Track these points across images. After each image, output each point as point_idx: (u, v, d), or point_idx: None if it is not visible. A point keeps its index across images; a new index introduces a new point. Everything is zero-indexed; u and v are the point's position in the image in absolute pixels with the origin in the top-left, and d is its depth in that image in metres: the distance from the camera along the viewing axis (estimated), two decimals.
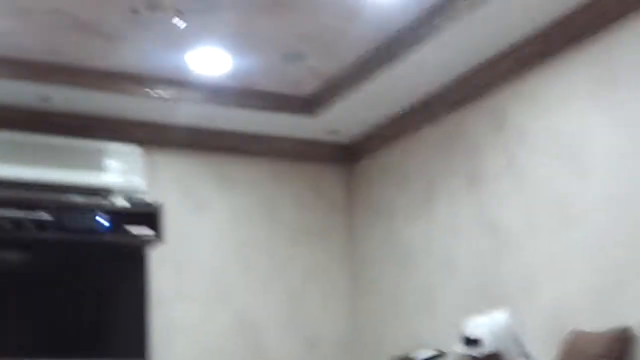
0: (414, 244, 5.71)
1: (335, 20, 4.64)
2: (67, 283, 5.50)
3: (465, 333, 3.91)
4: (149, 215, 5.58)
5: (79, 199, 5.50)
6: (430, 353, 4.76)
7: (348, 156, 6.49)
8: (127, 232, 5.51)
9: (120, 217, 5.51)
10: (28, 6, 4.39)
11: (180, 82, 5.40)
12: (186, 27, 4.56)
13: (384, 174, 6.16)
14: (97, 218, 5.44)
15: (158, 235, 5.56)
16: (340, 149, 6.48)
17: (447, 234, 5.38)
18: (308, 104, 5.77)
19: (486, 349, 3.78)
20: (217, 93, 5.53)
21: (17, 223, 5.17)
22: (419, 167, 5.73)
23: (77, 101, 5.46)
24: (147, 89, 5.44)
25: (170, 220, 5.71)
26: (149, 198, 5.69)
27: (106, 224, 5.45)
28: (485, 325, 3.87)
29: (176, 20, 4.50)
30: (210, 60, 5.14)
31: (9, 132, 5.39)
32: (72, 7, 4.45)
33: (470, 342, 3.85)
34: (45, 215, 5.25)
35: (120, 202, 5.58)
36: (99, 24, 4.65)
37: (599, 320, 4.04)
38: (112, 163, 5.65)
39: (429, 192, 5.60)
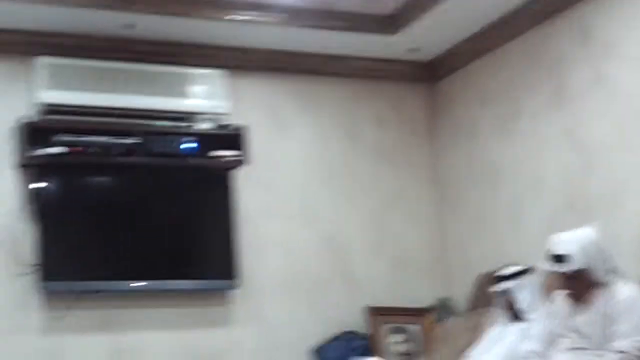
0: (500, 163, 5.68)
1: None
2: (155, 207, 5.64)
3: (552, 250, 3.92)
4: (234, 138, 5.64)
5: (165, 124, 5.59)
6: (517, 269, 4.65)
7: (429, 75, 6.40)
8: (213, 155, 5.59)
9: (206, 141, 5.57)
10: None
11: (262, 6, 5.40)
12: None
13: (466, 93, 6.08)
14: (184, 142, 5.53)
15: (243, 157, 5.63)
16: (422, 68, 6.39)
17: (533, 151, 5.33)
18: (388, 23, 5.68)
19: (574, 265, 3.81)
20: (298, 15, 5.49)
21: (107, 149, 5.31)
22: (503, 84, 5.65)
23: (160, 28, 5.46)
24: (230, 14, 5.40)
25: (254, 142, 5.79)
26: (233, 121, 5.74)
27: (192, 147, 5.53)
28: (573, 241, 3.88)
29: None
30: None
31: (95, 61, 5.46)
32: None
33: (558, 258, 3.88)
34: (133, 141, 5.36)
35: (206, 126, 5.65)
36: None
37: None
38: (197, 88, 5.69)
39: (513, 109, 5.54)
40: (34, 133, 5.24)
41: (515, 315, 4.50)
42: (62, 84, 5.35)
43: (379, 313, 5.91)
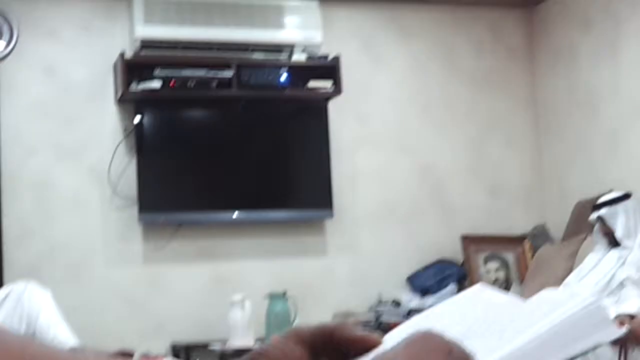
0: (599, 87, 5.62)
1: None
2: (251, 139, 5.72)
3: None
4: (327, 69, 5.66)
5: (259, 56, 5.66)
6: (615, 195, 4.72)
7: None
8: (307, 86, 5.64)
9: (300, 72, 5.62)
10: None
11: None
12: None
13: (565, 16, 6.00)
14: (278, 74, 5.57)
15: (337, 88, 5.65)
16: None
17: (634, 76, 5.27)
18: None
19: None
20: None
21: (202, 82, 5.40)
22: (604, 8, 5.56)
23: None
24: None
25: (349, 73, 5.77)
26: (328, 52, 5.75)
27: (286, 78, 5.58)
28: None
29: None
30: None
31: None
32: None
33: None
34: (228, 73, 5.43)
35: (300, 57, 5.68)
36: None
37: None
38: (291, 19, 5.72)
39: (614, 33, 5.47)
40: (132, 68, 5.35)
41: (613, 242, 4.55)
42: (158, 19, 5.43)
43: (473, 241, 5.92)
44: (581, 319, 0.67)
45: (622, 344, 4.16)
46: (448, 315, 0.77)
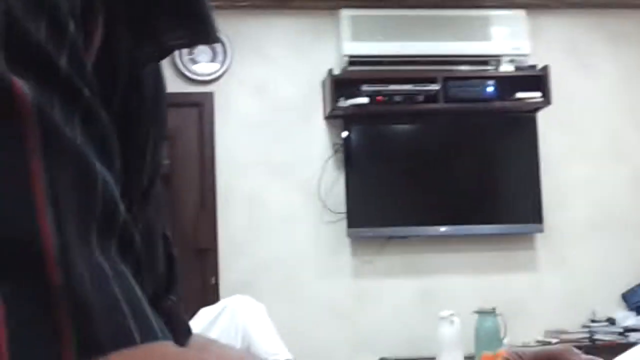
0: None
1: None
2: (458, 152, 5.76)
3: None
4: (536, 79, 5.62)
5: (466, 69, 5.68)
6: None
7: None
8: (515, 97, 5.60)
9: (507, 83, 5.60)
10: None
11: None
12: None
13: None
14: (485, 86, 5.57)
15: (546, 99, 5.59)
16: None
17: None
18: None
19: None
20: None
21: (408, 96, 5.46)
22: None
23: None
24: None
25: (557, 83, 5.71)
26: (535, 62, 5.71)
27: (493, 90, 5.57)
28: None
29: None
30: None
31: (395, 10, 5.62)
32: None
33: None
34: (434, 87, 5.46)
35: (507, 68, 5.67)
36: None
37: None
38: (497, 30, 5.71)
39: None
40: (340, 84, 5.48)
41: None
42: (364, 35, 5.54)
43: None
44: None
45: None
46: None
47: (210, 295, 5.24)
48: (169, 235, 0.86)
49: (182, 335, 0.89)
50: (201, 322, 3.54)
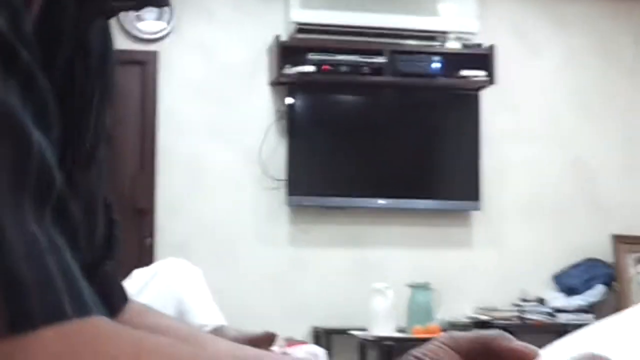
0: None
1: None
2: (401, 126, 5.73)
3: None
4: (481, 58, 5.64)
5: (413, 43, 5.67)
6: None
7: None
8: (460, 75, 5.61)
9: (453, 61, 5.60)
10: None
11: None
12: None
13: None
14: (431, 61, 5.57)
15: (491, 78, 5.62)
16: None
17: None
18: None
19: None
20: None
21: (355, 67, 5.44)
22: None
23: None
24: None
25: (503, 63, 5.75)
26: (482, 41, 5.74)
27: (439, 67, 5.58)
28: None
29: None
30: None
31: None
32: None
33: None
34: (380, 60, 5.46)
35: (453, 45, 5.69)
36: None
37: None
38: (446, 6, 5.69)
39: None
40: (287, 51, 5.46)
41: None
42: (313, 3, 5.53)
43: (626, 241, 5.79)
44: None
45: None
46: (610, 335, 0.72)
47: (146, 257, 5.22)
48: (111, 201, 0.85)
49: (119, 300, 0.88)
50: (134, 284, 3.38)
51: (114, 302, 0.86)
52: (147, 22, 5.59)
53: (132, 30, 5.59)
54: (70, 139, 0.68)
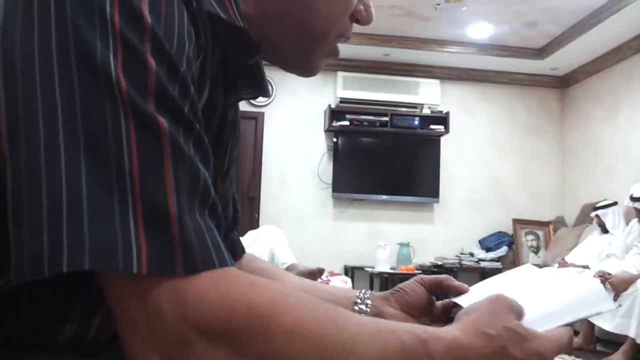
0: (603, 138, 5.58)
1: (558, 1, 4.56)
2: (396, 155, 5.83)
3: (632, 193, 4.03)
4: (441, 119, 5.83)
5: (404, 110, 5.83)
6: (609, 202, 4.67)
7: (562, 84, 6.31)
8: (429, 128, 5.80)
9: (425, 120, 5.79)
10: (379, 3, 4.48)
11: (462, 42, 5.57)
12: (465, 10, 4.78)
13: (585, 94, 6.00)
14: (413, 120, 5.75)
15: (446, 130, 5.82)
16: (558, 79, 6.29)
17: (627, 132, 5.24)
18: (539, 53, 5.71)
19: None
20: (483, 47, 5.60)
21: (371, 123, 5.67)
22: (609, 89, 5.53)
23: (404, 55, 5.73)
24: (444, 47, 5.56)
25: (454, 121, 5.95)
26: (442, 109, 5.93)
27: (418, 123, 5.75)
28: None
29: (461, 8, 4.71)
30: (479, 29, 5.21)
31: (368, 74, 5.85)
32: (400, 2, 4.69)
33: (636, 199, 3.97)
34: (385, 119, 5.67)
35: (426, 111, 5.88)
36: (417, 12, 4.88)
37: None
38: (423, 90, 5.89)
39: (615, 104, 5.45)
40: (334, 113, 5.68)
41: (604, 230, 4.58)
42: (350, 87, 5.74)
43: (520, 222, 5.97)
44: (589, 295, 0.59)
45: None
46: (507, 282, 0.67)
47: (254, 224, 5.34)
48: (236, 198, 0.81)
49: (240, 252, 0.83)
50: (248, 239, 3.50)
51: (237, 253, 0.82)
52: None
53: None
54: (218, 164, 0.68)
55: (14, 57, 0.46)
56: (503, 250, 5.80)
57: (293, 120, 5.85)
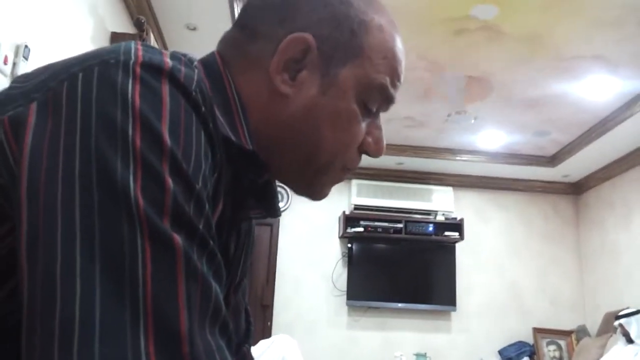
0: (620, 244, 5.53)
1: (567, 112, 4.64)
2: (411, 261, 5.78)
3: None
4: (456, 225, 5.82)
5: (418, 216, 5.84)
6: (631, 310, 4.57)
7: (576, 190, 6.33)
8: (444, 235, 5.77)
9: (440, 226, 5.78)
10: (392, 117, 4.64)
11: (475, 151, 5.65)
12: (476, 120, 4.85)
13: (598, 200, 6.02)
14: (428, 227, 5.73)
15: (461, 236, 5.80)
16: (571, 186, 6.31)
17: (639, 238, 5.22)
18: (550, 160, 5.77)
19: None
20: (496, 155, 5.68)
21: (385, 229, 5.67)
22: (622, 196, 5.60)
23: (417, 164, 5.81)
24: (456, 156, 5.55)
25: (468, 228, 5.97)
26: (456, 215, 5.95)
27: (432, 229, 5.74)
28: None
29: (471, 119, 4.82)
30: (490, 138, 5.27)
31: (382, 182, 5.91)
32: (413, 113, 4.77)
33: None
34: (400, 225, 5.68)
35: (440, 218, 5.88)
36: (429, 123, 4.97)
37: None
38: (436, 197, 5.95)
39: (627, 213, 5.49)
40: (349, 220, 5.67)
41: (629, 340, 4.44)
42: (364, 194, 5.79)
43: (540, 331, 5.83)
44: None
45: None
46: None
47: (267, 332, 5.27)
48: (249, 309, 0.81)
49: None
50: (260, 349, 3.21)
51: None
52: None
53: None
54: (231, 277, 0.69)
55: (38, 176, 0.47)
56: None
57: (308, 227, 5.85)
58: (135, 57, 0.52)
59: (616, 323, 4.57)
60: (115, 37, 2.71)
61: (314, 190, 0.69)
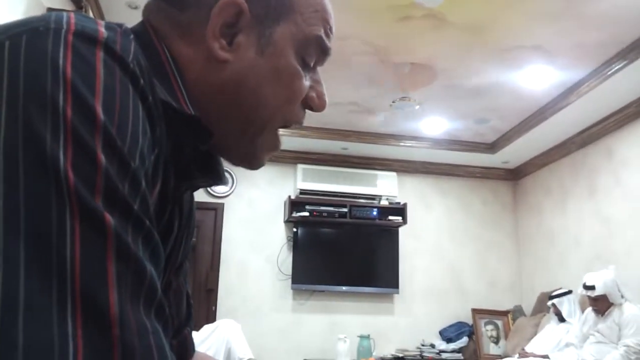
0: (555, 229, 5.67)
1: (507, 100, 4.70)
2: (355, 245, 5.84)
3: (586, 282, 4.05)
4: (399, 210, 5.88)
5: (362, 201, 5.89)
6: (564, 291, 4.66)
7: (514, 176, 6.45)
8: (387, 219, 5.82)
9: (384, 211, 5.83)
10: (338, 101, 4.69)
11: (418, 137, 5.71)
12: (420, 108, 4.90)
13: (535, 186, 6.12)
14: (372, 211, 5.77)
15: (404, 221, 5.85)
16: (510, 172, 6.44)
17: (577, 223, 5.34)
18: (490, 147, 5.88)
19: (599, 292, 3.93)
20: (438, 142, 5.76)
21: (330, 213, 5.69)
22: (558, 182, 5.70)
23: (362, 149, 5.86)
24: (400, 142, 5.73)
25: (411, 213, 6.03)
26: (399, 200, 6.01)
27: (376, 214, 5.78)
28: (598, 277, 4.00)
29: (415, 105, 4.84)
30: (433, 124, 5.33)
31: (327, 167, 5.95)
32: (358, 99, 4.79)
33: (588, 287, 3.99)
34: (344, 210, 5.70)
35: (384, 202, 5.93)
36: (373, 109, 4.99)
37: None
38: (380, 182, 5.99)
39: (563, 198, 5.58)
40: (294, 204, 5.67)
41: (561, 319, 4.57)
42: (309, 178, 5.81)
43: (479, 312, 5.99)
44: None
45: None
46: None
47: (211, 317, 5.26)
48: (189, 292, 0.79)
49: (191, 350, 0.81)
50: (204, 333, 3.43)
51: (189, 350, 0.80)
52: (220, 187, 5.47)
53: (211, 191, 5.69)
54: (171, 258, 0.67)
55: None
56: (464, 341, 5.75)
57: (253, 211, 5.82)
58: (68, 25, 0.50)
59: (549, 303, 4.68)
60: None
61: (253, 155, 0.67)
